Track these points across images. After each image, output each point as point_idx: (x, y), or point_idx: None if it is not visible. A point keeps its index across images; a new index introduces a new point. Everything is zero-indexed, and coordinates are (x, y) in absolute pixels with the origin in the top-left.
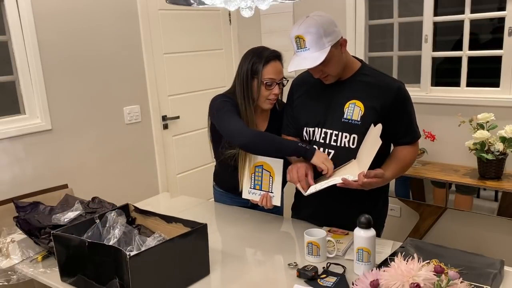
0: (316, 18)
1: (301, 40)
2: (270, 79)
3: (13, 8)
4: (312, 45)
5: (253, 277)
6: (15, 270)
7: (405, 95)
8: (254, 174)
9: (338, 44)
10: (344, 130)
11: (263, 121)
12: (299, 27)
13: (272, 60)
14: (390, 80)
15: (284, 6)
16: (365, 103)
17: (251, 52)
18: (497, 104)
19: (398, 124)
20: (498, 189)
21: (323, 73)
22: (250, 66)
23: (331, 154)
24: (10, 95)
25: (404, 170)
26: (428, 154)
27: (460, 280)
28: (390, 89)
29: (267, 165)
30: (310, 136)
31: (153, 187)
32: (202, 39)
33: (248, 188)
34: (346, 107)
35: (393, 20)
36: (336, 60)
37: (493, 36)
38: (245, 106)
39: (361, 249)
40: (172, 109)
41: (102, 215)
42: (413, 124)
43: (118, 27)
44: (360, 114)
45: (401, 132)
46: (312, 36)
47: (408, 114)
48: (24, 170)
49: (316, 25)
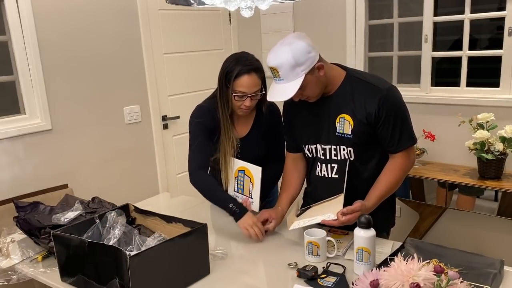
0: (288, 48)
1: (275, 71)
2: (240, 92)
3: (13, 8)
4: (286, 75)
5: (253, 277)
6: (15, 270)
7: (391, 101)
8: (237, 177)
9: (314, 69)
10: (340, 143)
11: (244, 126)
12: (273, 57)
13: (245, 73)
14: (374, 88)
15: (284, 6)
16: (353, 115)
17: (230, 58)
18: (497, 104)
19: (385, 131)
20: (498, 189)
21: (303, 95)
22: (225, 74)
23: (334, 168)
24: (10, 95)
25: (395, 186)
26: (428, 154)
27: (460, 280)
28: (373, 98)
29: (248, 170)
30: (313, 153)
31: (153, 187)
32: (202, 39)
33: (232, 191)
34: (337, 121)
35: (393, 20)
36: (313, 85)
37: (492, 36)
38: (222, 112)
39: (361, 249)
40: (172, 109)
41: (102, 215)
42: (403, 131)
43: (118, 27)
44: (350, 128)
45: (389, 140)
46: (285, 68)
47: (394, 121)
48: (24, 170)
49: (289, 55)
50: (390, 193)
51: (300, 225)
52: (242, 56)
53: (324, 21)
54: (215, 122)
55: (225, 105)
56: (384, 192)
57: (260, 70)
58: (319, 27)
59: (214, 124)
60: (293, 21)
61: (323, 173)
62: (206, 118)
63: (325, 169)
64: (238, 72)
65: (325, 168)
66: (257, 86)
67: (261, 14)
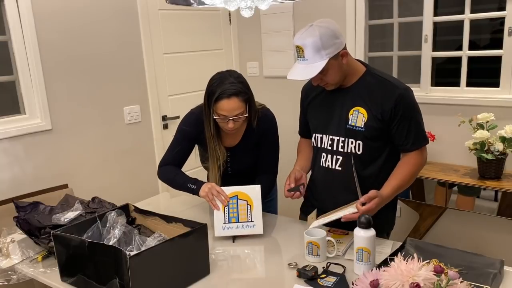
0: (317, 29)
1: (300, 50)
2: (221, 115)
3: (13, 8)
4: (310, 56)
5: (253, 277)
6: (15, 270)
7: (407, 101)
8: (228, 207)
9: (339, 56)
10: (349, 136)
11: (234, 137)
12: (300, 36)
13: (225, 98)
14: (392, 86)
15: (284, 6)
16: (368, 109)
17: (214, 78)
18: (497, 104)
19: (401, 130)
20: (498, 189)
21: (322, 81)
22: (208, 94)
23: (339, 160)
24: (10, 95)
25: (409, 179)
26: (428, 154)
27: (460, 280)
28: (391, 95)
29: (242, 194)
30: (318, 143)
31: (153, 187)
32: (202, 39)
33: (221, 224)
34: (351, 113)
35: (393, 20)
36: (335, 70)
37: (492, 36)
38: (207, 130)
39: (361, 249)
40: (172, 109)
41: (102, 215)
42: (418, 130)
43: (118, 27)
44: (364, 121)
45: (404, 138)
46: (310, 48)
47: (409, 120)
48: (24, 170)
49: (316, 37)
50: (404, 188)
51: (320, 222)
52: (225, 77)
53: None
54: (203, 133)
55: (210, 124)
56: (398, 184)
57: (242, 93)
58: None
59: (201, 135)
60: (293, 21)
61: (327, 164)
62: (193, 128)
63: (330, 160)
64: (218, 96)
65: (330, 159)
66: (239, 109)
67: (261, 14)
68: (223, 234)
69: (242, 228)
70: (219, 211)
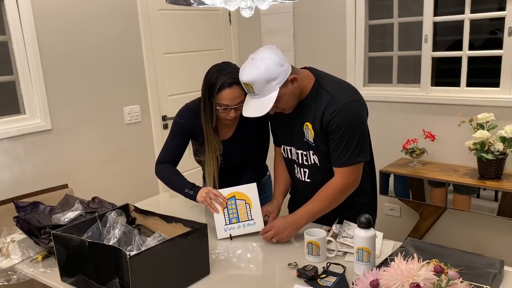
0: (260, 63)
1: (249, 86)
2: (224, 104)
3: (13, 7)
4: (260, 90)
5: (253, 277)
6: (15, 270)
7: (344, 115)
8: (227, 208)
9: (288, 82)
10: (309, 149)
11: (228, 130)
12: (245, 73)
13: (227, 86)
14: (331, 100)
15: (284, 6)
16: (313, 125)
17: (212, 70)
18: (497, 104)
19: (332, 144)
20: (498, 189)
21: (278, 108)
22: (208, 86)
23: (306, 172)
24: (10, 95)
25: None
26: (428, 154)
27: (460, 280)
28: (329, 109)
29: (239, 194)
30: (288, 155)
31: (153, 187)
32: (202, 39)
33: (223, 226)
34: (304, 128)
35: (393, 20)
36: (288, 97)
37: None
38: (205, 125)
39: (361, 249)
40: (172, 109)
41: (102, 215)
42: (349, 148)
43: (118, 27)
44: (312, 136)
45: (333, 153)
46: (258, 83)
47: (342, 135)
48: (24, 170)
49: (261, 71)
50: (324, 211)
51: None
52: (224, 67)
53: (324, 21)
54: (198, 126)
55: (209, 119)
56: (313, 210)
57: None
58: (319, 27)
59: (196, 127)
60: (293, 21)
61: (298, 176)
62: (189, 121)
63: (299, 173)
64: (220, 86)
65: (299, 171)
66: (240, 97)
67: (261, 14)
68: (226, 236)
69: (243, 227)
70: (219, 214)
